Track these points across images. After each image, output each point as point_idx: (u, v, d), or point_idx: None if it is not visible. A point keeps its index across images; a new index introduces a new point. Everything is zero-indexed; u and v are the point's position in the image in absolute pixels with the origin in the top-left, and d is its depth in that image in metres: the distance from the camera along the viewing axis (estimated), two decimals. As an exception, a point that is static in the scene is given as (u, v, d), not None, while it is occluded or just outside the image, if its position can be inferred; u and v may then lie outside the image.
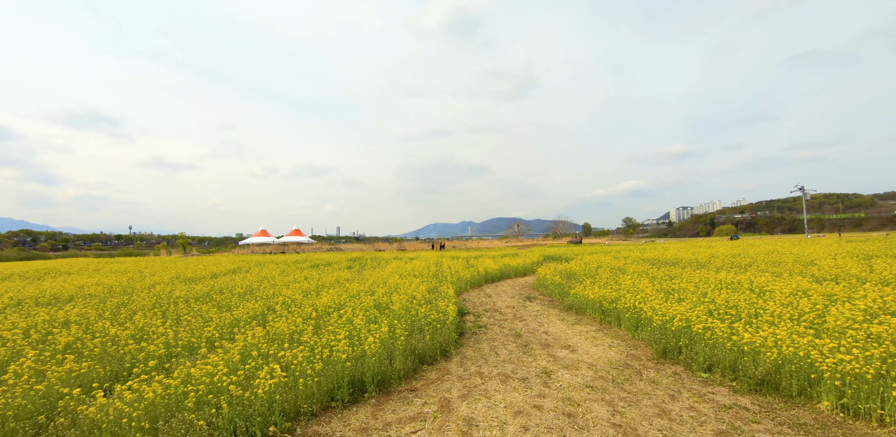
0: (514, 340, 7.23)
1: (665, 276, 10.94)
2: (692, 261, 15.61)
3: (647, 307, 7.04)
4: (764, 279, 8.78)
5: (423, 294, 9.65)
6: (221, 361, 4.88)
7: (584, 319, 8.78)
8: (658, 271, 12.03)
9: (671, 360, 5.80)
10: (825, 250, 16.82)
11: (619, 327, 7.86)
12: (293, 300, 9.64)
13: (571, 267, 14.88)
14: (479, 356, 6.34)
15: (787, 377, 4.50)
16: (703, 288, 8.25)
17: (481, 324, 8.60)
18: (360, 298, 9.34)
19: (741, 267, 12.86)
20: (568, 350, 6.45)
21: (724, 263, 14.09)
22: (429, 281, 13.21)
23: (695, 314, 6.13)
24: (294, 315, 7.82)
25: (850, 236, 52.90)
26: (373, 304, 8.80)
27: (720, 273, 10.28)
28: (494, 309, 10.20)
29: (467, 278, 14.57)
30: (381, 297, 9.41)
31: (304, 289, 11.53)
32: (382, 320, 6.76)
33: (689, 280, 9.57)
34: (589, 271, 13.45)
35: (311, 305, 8.78)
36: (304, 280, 13.97)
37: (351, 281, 13.39)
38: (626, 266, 14.17)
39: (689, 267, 13.73)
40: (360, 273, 16.66)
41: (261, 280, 14.26)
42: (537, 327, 8.08)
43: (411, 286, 10.85)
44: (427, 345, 6.17)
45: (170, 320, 7.95)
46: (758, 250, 18.98)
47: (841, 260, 12.66)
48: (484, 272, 16.06)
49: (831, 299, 6.78)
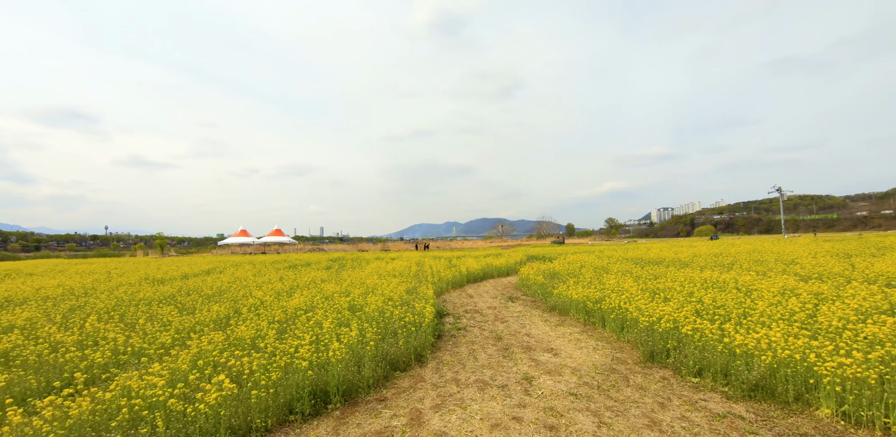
0: (494, 343, 6.84)
1: (649, 275, 10.70)
2: (675, 260, 15.49)
3: (632, 308, 6.73)
4: (749, 278, 8.58)
5: (400, 295, 9.20)
6: (166, 371, 4.36)
7: (567, 320, 8.44)
8: (642, 271, 11.82)
9: (659, 363, 5.47)
10: (805, 249, 16.92)
11: (603, 328, 7.53)
12: (263, 302, 9.09)
13: (555, 267, 14.60)
14: (456, 361, 5.93)
15: (782, 381, 4.20)
16: (689, 287, 7.99)
17: (461, 326, 8.19)
18: (333, 299, 8.84)
19: (724, 266, 12.74)
20: (550, 354, 6.08)
21: (707, 262, 13.99)
22: (408, 282, 12.75)
23: (682, 315, 5.83)
24: (261, 318, 7.30)
25: (825, 235, 54.27)
26: (347, 306, 8.32)
27: (705, 272, 10.08)
28: (475, 310, 9.80)
29: (449, 279, 14.16)
30: (356, 298, 8.93)
31: (277, 290, 10.96)
32: (354, 324, 6.30)
33: (675, 279, 9.34)
34: (572, 271, 13.17)
35: (281, 307, 8.26)
36: (279, 281, 13.37)
37: (327, 282, 12.85)
38: (609, 266, 13.96)
39: (672, 266, 13.58)
40: (339, 274, 16.09)
41: (233, 281, 13.61)
42: (519, 329, 7.70)
43: (389, 287, 10.39)
44: (400, 350, 5.72)
45: (124, 324, 7.35)
46: (739, 250, 19.03)
47: (822, 259, 12.65)
48: (466, 272, 15.67)
49: (820, 298, 6.58)
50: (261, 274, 16.41)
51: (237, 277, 15.30)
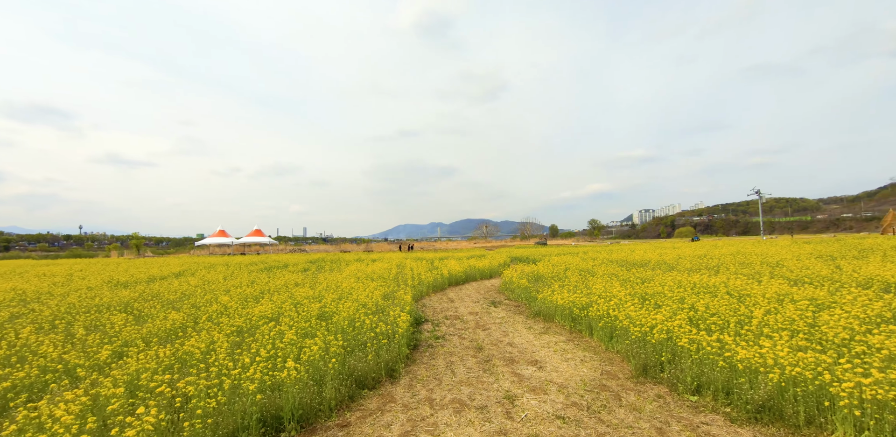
0: (474, 354, 6.31)
1: (637, 279, 10.33)
2: (660, 263, 15.24)
3: (622, 316, 6.28)
4: (741, 283, 8.25)
5: (375, 301, 8.61)
6: (87, 397, 3.70)
7: (552, 327, 7.97)
8: (628, 273, 11.47)
9: (653, 378, 5.01)
10: (787, 252, 16.88)
11: (591, 336, 7.08)
12: (226, 309, 8.40)
13: (539, 269, 14.17)
14: (431, 376, 5.37)
15: (792, 402, 3.76)
16: (679, 292, 7.60)
17: (439, 334, 7.64)
18: (303, 306, 8.20)
19: (711, 269, 12.48)
20: (535, 367, 5.58)
21: (693, 264, 13.74)
22: (387, 285, 12.16)
23: (676, 324, 5.40)
24: (222, 326, 6.64)
25: (802, 237, 55.44)
26: (317, 313, 7.70)
27: (693, 276, 9.74)
28: (456, 316, 9.27)
29: (429, 282, 13.60)
30: (328, 304, 8.31)
31: (245, 295, 10.25)
32: (320, 335, 5.70)
33: (663, 283, 8.96)
34: (557, 274, 12.76)
35: (245, 314, 7.60)
36: (250, 285, 12.63)
37: (301, 285, 12.16)
38: (594, 268, 13.60)
39: (658, 269, 13.29)
40: (315, 277, 15.37)
41: (202, 285, 12.81)
42: (501, 338, 7.19)
43: (365, 291, 9.78)
44: (369, 365, 5.14)
45: (66, 335, 6.60)
46: (722, 252, 18.94)
47: (807, 261, 12.50)
48: (448, 275, 15.13)
49: (817, 305, 6.23)
50: (233, 277, 15.59)
51: (207, 280, 14.48)
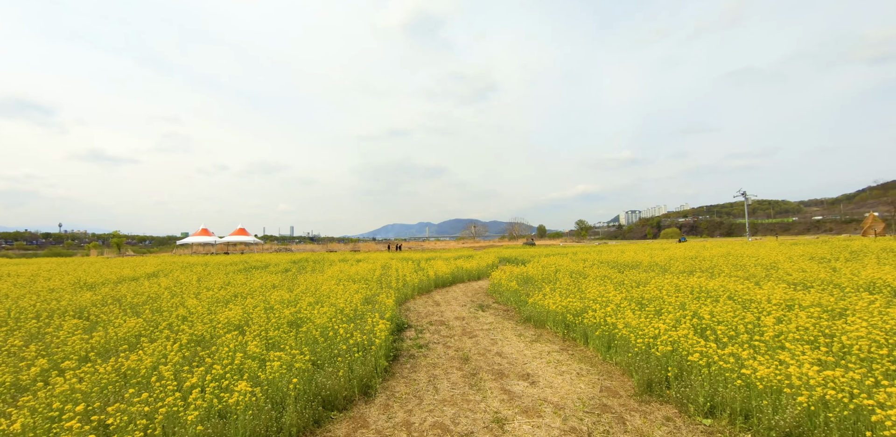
0: (460, 366, 5.73)
1: (631, 282, 9.86)
2: (652, 264, 14.85)
3: (620, 324, 5.76)
4: (741, 287, 7.82)
5: (355, 306, 7.98)
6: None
7: (544, 334, 7.44)
8: (622, 276, 11.01)
9: (658, 396, 4.48)
10: (779, 253, 16.66)
11: (586, 345, 6.55)
12: (192, 314, 7.70)
13: (528, 271, 13.65)
14: (411, 394, 4.78)
15: (823, 428, 3.27)
16: (679, 297, 7.13)
17: (423, 342, 7.05)
18: (275, 311, 7.54)
19: (705, 271, 12.10)
20: (527, 382, 5.02)
21: (686, 266, 13.37)
22: (370, 287, 11.54)
23: (681, 333, 4.90)
24: (180, 335, 5.96)
25: (786, 238, 56.09)
26: (289, 319, 7.06)
27: (691, 279, 9.30)
28: (441, 321, 8.69)
29: (415, 284, 13.00)
30: (303, 309, 7.66)
31: (216, 299, 9.55)
32: (286, 348, 5.07)
33: (660, 287, 8.50)
34: (547, 276, 12.26)
35: (210, 321, 6.92)
36: (224, 287, 11.88)
37: (278, 288, 11.46)
38: (586, 270, 13.14)
39: (651, 271, 12.88)
40: (295, 278, 14.65)
41: (173, 287, 12.03)
42: (489, 347, 6.63)
43: (345, 294, 9.15)
44: (340, 382, 4.52)
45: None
46: (713, 253, 18.68)
47: (802, 263, 12.20)
48: (434, 276, 14.53)
49: (828, 311, 5.80)
50: (208, 278, 14.78)
51: (179, 281, 13.68)
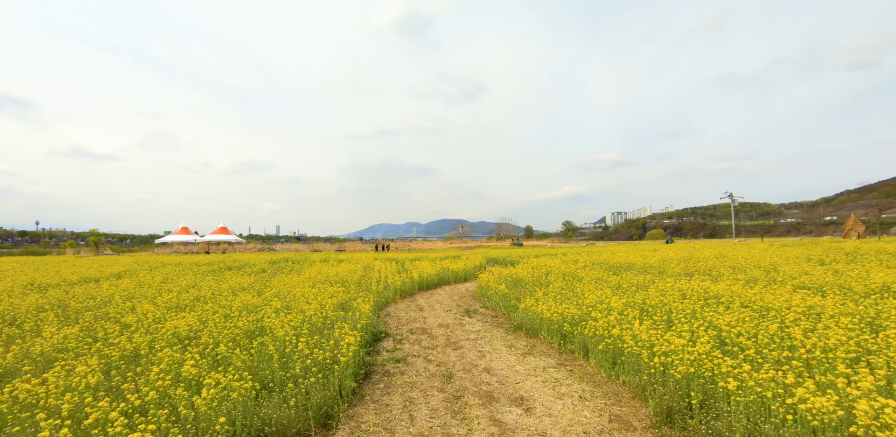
0: (441, 386, 4.91)
1: (630, 285, 9.15)
2: (647, 266, 14.21)
3: (627, 336, 5.00)
4: (753, 292, 7.14)
5: (326, 313, 7.10)
6: None
7: (537, 345, 6.65)
8: (617, 279, 10.29)
9: (682, 429, 3.68)
10: (773, 255, 16.20)
11: (586, 359, 5.77)
12: (139, 322, 6.74)
13: (518, 272, 12.89)
14: (381, 425, 3.93)
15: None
16: (688, 304, 6.41)
17: (400, 355, 6.20)
18: (234, 319, 6.62)
19: (703, 274, 11.48)
20: (521, 408, 4.21)
21: (683, 269, 12.75)
22: (348, 290, 10.66)
23: (701, 350, 4.15)
24: (113, 349, 5.04)
25: (772, 240, 56.54)
26: (249, 328, 6.16)
27: (694, 282, 8.62)
28: (423, 329, 7.85)
29: (397, 286, 12.13)
30: (268, 316, 6.77)
31: (175, 303, 8.58)
32: (232, 369, 4.19)
33: (662, 291, 7.78)
34: (538, 278, 11.50)
35: (157, 330, 5.99)
36: (188, 290, 10.86)
37: (248, 291, 10.49)
38: (578, 272, 12.42)
39: (647, 273, 12.22)
40: (269, 280, 13.67)
41: (133, 289, 11.00)
42: (476, 361, 5.82)
43: (318, 299, 8.27)
44: (290, 415, 3.65)
45: None
46: (706, 254, 18.19)
47: (802, 266, 11.66)
48: (418, 278, 13.68)
49: (858, 319, 5.12)
50: (174, 280, 13.70)
51: (142, 283, 12.60)
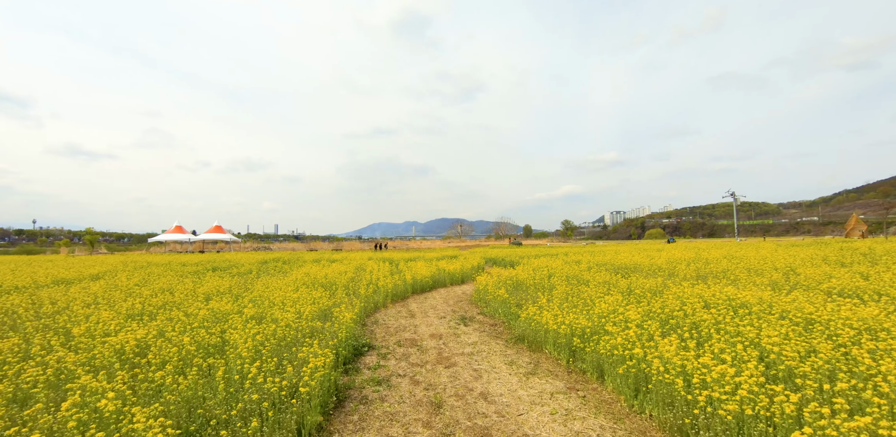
0: (428, 419, 4.03)
1: (642, 290, 8.29)
2: (654, 267, 13.36)
3: (653, 357, 4.14)
4: (786, 300, 6.27)
5: (303, 322, 6.22)
6: None
7: (542, 361, 5.78)
8: (626, 282, 9.43)
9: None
10: (785, 256, 15.36)
11: (600, 382, 4.90)
12: (86, 335, 5.86)
13: (518, 274, 12.01)
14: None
15: None
16: (715, 315, 5.55)
17: (383, 375, 5.33)
18: (194, 333, 5.73)
19: (718, 277, 10.63)
20: (525, 454, 3.36)
21: (693, 271, 11.89)
22: (335, 294, 9.80)
23: (751, 379, 3.30)
24: (37, 371, 4.16)
25: (772, 239, 55.79)
26: (213, 342, 5.31)
27: (713, 287, 7.74)
28: (413, 341, 6.98)
29: (388, 289, 11.26)
30: (234, 328, 5.90)
31: (136, 311, 7.70)
32: (163, 401, 3.32)
33: (682, 298, 6.91)
34: (541, 282, 10.61)
35: (102, 344, 5.12)
36: (160, 294, 9.98)
37: (224, 295, 9.62)
38: (583, 274, 11.54)
39: (657, 276, 11.36)
40: (252, 282, 12.79)
41: (105, 291, 10.15)
42: (471, 383, 4.95)
43: (296, 306, 7.41)
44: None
45: None
46: (714, 255, 17.35)
47: (822, 268, 10.80)
48: (412, 280, 12.80)
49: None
50: (151, 282, 12.81)
51: (115, 286, 11.71)
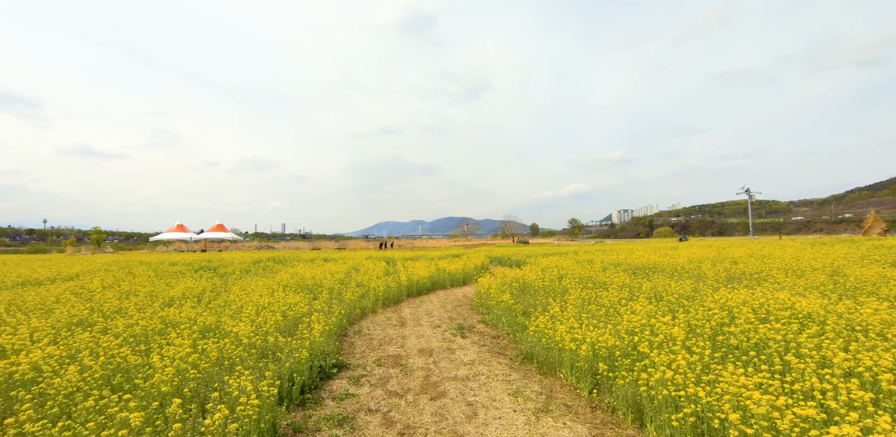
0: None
1: (670, 294, 7.00)
2: (676, 268, 12.02)
3: (717, 399, 2.90)
4: (866, 312, 4.95)
5: (264, 336, 5.03)
6: None
7: (556, 390, 4.54)
8: (650, 285, 8.12)
9: None
10: (816, 254, 13.94)
11: (638, 428, 3.66)
12: (14, 347, 4.74)
13: (525, 275, 10.71)
14: None
15: None
16: (777, 330, 4.27)
17: (350, 410, 4.11)
18: (115, 351, 4.57)
19: (753, 278, 9.31)
20: None
21: (721, 272, 10.54)
22: (319, 298, 8.65)
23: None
24: None
25: (788, 238, 53.91)
26: (134, 364, 4.15)
27: (759, 292, 6.39)
28: (397, 358, 5.76)
29: (379, 292, 10.04)
30: (170, 344, 4.75)
31: (79, 318, 6.59)
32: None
33: (726, 307, 5.62)
34: (551, 284, 9.30)
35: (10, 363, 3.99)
36: (121, 298, 8.87)
37: (190, 299, 8.48)
38: (598, 276, 10.23)
39: (682, 278, 10.04)
40: (236, 283, 11.67)
41: (61, 294, 9.10)
42: (463, 426, 3.72)
43: (262, 316, 6.25)
44: None
45: None
46: (738, 254, 15.95)
47: (873, 269, 9.42)
48: (407, 282, 11.56)
49: None
50: (121, 284, 11.72)
51: (81, 287, 10.63)
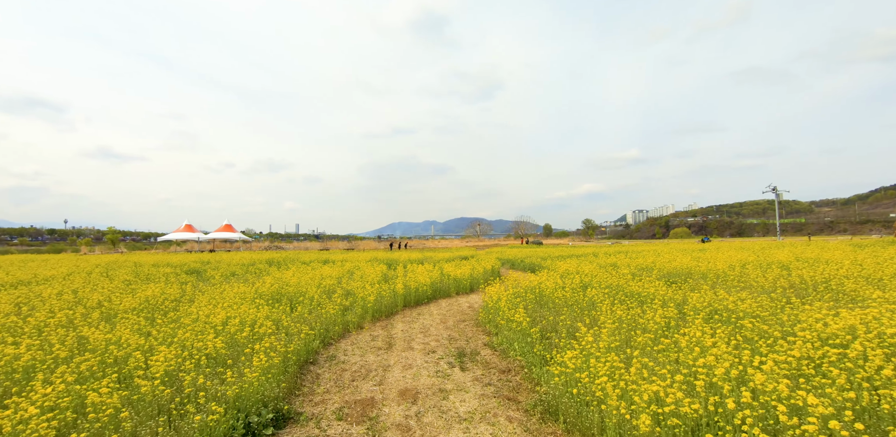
0: None
1: (732, 311, 5.36)
2: (718, 274, 10.27)
3: None
4: None
5: (166, 384, 3.58)
6: None
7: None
8: (700, 298, 6.44)
9: None
10: (880, 258, 12.03)
11: None
12: None
13: (542, 283, 9.06)
14: None
15: None
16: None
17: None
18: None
19: (823, 290, 7.56)
20: None
21: (783, 281, 8.79)
22: (296, 311, 7.19)
23: None
24: None
25: (817, 239, 51.15)
26: None
27: (855, 311, 4.75)
28: (370, 404, 4.24)
29: (369, 303, 8.54)
30: (47, 383, 3.30)
31: (13, 330, 5.23)
32: None
33: (815, 330, 3.99)
34: (574, 296, 7.59)
35: None
36: (76, 305, 7.54)
37: (139, 312, 7.09)
38: (629, 285, 8.53)
39: (731, 287, 8.33)
40: (211, 289, 10.30)
41: (12, 300, 7.81)
42: None
43: (204, 341, 4.82)
44: None
45: None
46: (780, 257, 14.07)
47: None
48: (403, 290, 10.03)
49: None
50: (85, 289, 10.44)
51: (38, 295, 9.37)
